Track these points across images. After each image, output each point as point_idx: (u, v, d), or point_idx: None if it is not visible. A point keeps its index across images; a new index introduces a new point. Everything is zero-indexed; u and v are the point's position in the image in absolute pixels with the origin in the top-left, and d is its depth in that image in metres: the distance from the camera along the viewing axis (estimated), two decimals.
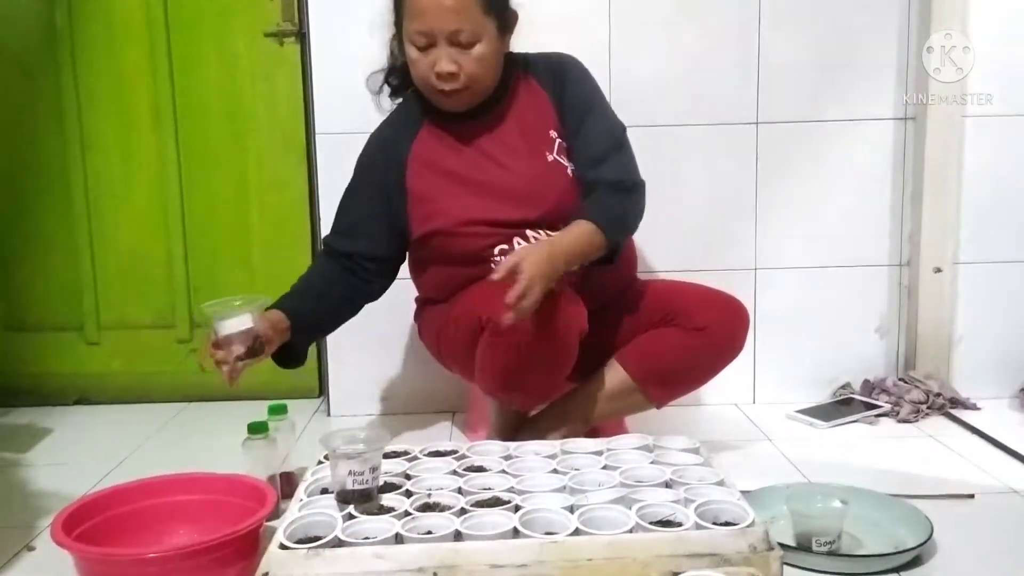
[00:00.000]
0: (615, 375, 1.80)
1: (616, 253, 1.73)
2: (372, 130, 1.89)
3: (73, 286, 2.53)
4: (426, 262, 1.85)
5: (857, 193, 2.30)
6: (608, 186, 1.73)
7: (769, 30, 2.23)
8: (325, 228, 2.26)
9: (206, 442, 2.14)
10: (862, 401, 2.26)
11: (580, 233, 1.65)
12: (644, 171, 2.21)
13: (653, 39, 2.22)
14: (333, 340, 2.32)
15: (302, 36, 2.36)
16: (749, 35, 2.23)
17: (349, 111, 2.20)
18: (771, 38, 2.23)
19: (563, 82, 1.81)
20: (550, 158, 1.78)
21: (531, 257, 1.53)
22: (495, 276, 1.52)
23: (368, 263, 1.82)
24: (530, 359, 1.64)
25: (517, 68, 1.84)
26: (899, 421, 2.17)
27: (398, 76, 1.88)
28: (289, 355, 1.76)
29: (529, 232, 1.74)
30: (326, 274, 1.84)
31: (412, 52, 1.72)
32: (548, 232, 1.73)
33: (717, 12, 2.22)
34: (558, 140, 1.79)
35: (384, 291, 1.89)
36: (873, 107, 2.27)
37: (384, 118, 1.91)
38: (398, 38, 1.79)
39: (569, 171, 1.78)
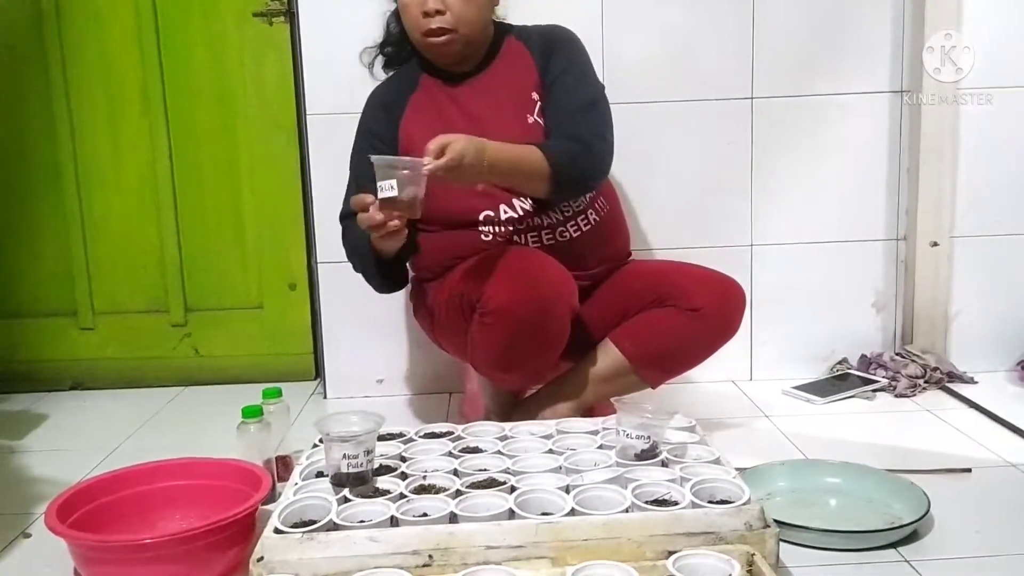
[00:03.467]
0: (609, 356, 1.78)
1: (557, 195, 1.69)
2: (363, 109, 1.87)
3: (65, 272, 2.51)
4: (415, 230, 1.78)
5: (853, 168, 2.28)
6: (570, 137, 1.70)
7: (763, 3, 2.20)
8: (317, 208, 2.26)
9: (201, 427, 2.14)
10: (859, 376, 2.26)
11: (522, 149, 1.63)
12: (638, 148, 2.19)
13: (646, 14, 2.19)
14: (328, 322, 2.32)
15: (291, 15, 2.33)
16: (743, 9, 2.20)
17: (339, 90, 2.17)
18: (765, 12, 2.20)
19: (551, 46, 1.82)
20: (530, 120, 1.78)
21: (462, 140, 1.50)
22: (428, 154, 1.47)
23: None
24: (523, 338, 1.63)
25: (510, 34, 1.86)
26: (896, 396, 2.16)
27: (394, 45, 1.91)
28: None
29: (515, 201, 1.73)
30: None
31: None
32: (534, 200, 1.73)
33: None
34: (539, 103, 1.79)
35: None
36: (869, 81, 2.24)
37: (380, 82, 1.93)
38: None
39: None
